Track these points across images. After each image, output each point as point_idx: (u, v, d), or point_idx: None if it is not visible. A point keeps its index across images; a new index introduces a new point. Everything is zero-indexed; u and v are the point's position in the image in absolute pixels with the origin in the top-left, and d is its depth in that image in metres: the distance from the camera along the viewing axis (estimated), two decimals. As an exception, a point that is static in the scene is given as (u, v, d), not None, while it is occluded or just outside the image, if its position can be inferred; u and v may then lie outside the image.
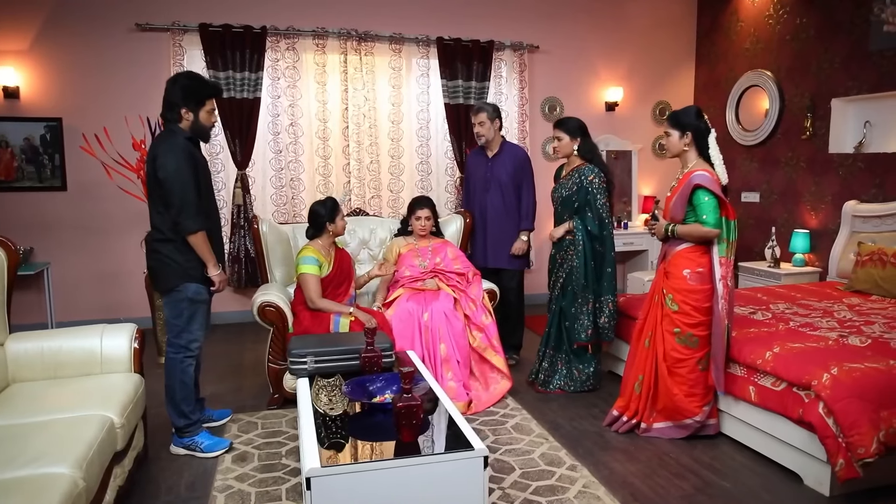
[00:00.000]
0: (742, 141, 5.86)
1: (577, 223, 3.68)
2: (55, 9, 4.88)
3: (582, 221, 3.68)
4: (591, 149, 3.76)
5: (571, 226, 3.70)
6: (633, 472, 2.82)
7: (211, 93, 2.95)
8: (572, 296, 3.73)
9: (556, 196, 3.84)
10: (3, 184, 4.91)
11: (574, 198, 3.69)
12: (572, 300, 3.74)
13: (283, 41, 5.26)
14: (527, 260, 4.46)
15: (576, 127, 3.72)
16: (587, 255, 3.68)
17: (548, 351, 3.89)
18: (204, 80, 3.00)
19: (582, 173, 3.68)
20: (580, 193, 3.67)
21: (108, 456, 2.25)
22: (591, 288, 3.71)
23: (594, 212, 3.66)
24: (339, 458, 2.13)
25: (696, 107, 3.19)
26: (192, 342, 2.99)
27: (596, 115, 6.28)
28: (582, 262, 3.67)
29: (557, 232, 3.80)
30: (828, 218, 5.05)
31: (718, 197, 3.03)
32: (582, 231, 3.66)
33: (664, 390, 3.16)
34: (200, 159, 2.96)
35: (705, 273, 3.10)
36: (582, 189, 3.67)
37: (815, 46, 5.11)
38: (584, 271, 3.68)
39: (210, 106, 2.95)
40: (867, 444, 2.42)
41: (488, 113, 4.20)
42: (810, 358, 2.77)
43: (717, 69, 6.21)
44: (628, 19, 6.26)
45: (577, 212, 3.70)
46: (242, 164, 5.21)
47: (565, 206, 3.75)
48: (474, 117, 4.24)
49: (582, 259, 3.67)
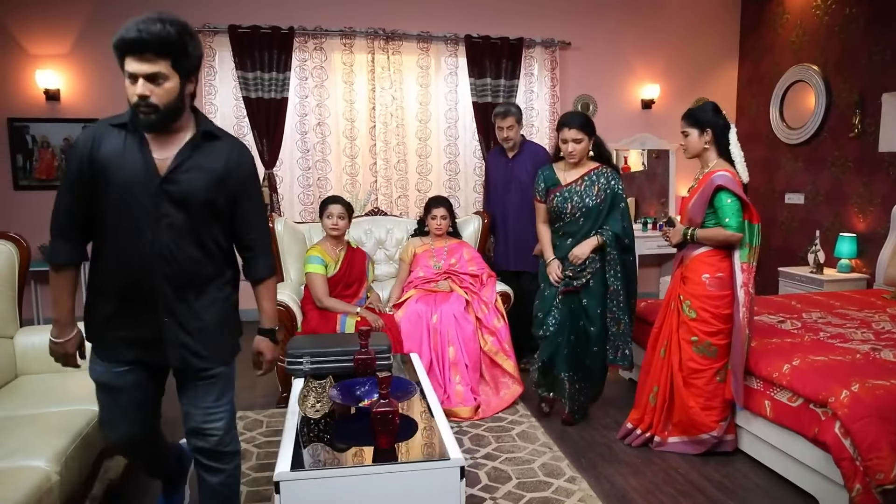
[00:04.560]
0: (786, 139, 5.56)
1: (608, 237, 3.15)
2: (93, 13, 5.06)
3: (613, 232, 3.17)
4: (606, 148, 3.36)
5: (602, 241, 3.16)
6: (636, 486, 2.69)
7: (117, 46, 1.75)
8: (600, 321, 3.23)
9: (569, 205, 3.22)
10: (45, 183, 5.12)
11: (601, 206, 3.19)
12: (601, 326, 3.24)
13: (311, 41, 5.29)
14: None
15: (590, 124, 3.24)
16: (626, 272, 3.23)
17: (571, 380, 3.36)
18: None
19: (608, 178, 3.22)
20: (609, 199, 3.20)
21: (95, 450, 2.28)
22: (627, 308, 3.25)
23: (624, 217, 3.22)
24: (314, 463, 2.10)
25: (712, 103, 3.02)
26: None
27: (631, 114, 6.08)
28: (623, 283, 3.20)
29: (583, 250, 3.18)
30: (877, 221, 4.73)
31: (742, 199, 2.86)
32: (613, 243, 3.15)
33: (680, 403, 3.01)
34: (111, 160, 1.77)
35: (725, 279, 2.93)
36: (610, 195, 3.20)
37: (865, 38, 4.78)
38: (627, 293, 3.23)
39: (128, 66, 1.75)
40: (887, 469, 2.23)
41: (517, 116, 4.09)
42: (831, 372, 2.57)
43: (761, 64, 5.91)
44: (666, 13, 6.03)
45: (600, 222, 3.20)
46: (270, 163, 5.28)
47: (588, 217, 3.20)
48: (501, 121, 4.08)
49: (623, 280, 3.19)
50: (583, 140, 3.17)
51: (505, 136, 4.10)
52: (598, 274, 3.20)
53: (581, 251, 3.17)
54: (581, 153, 3.19)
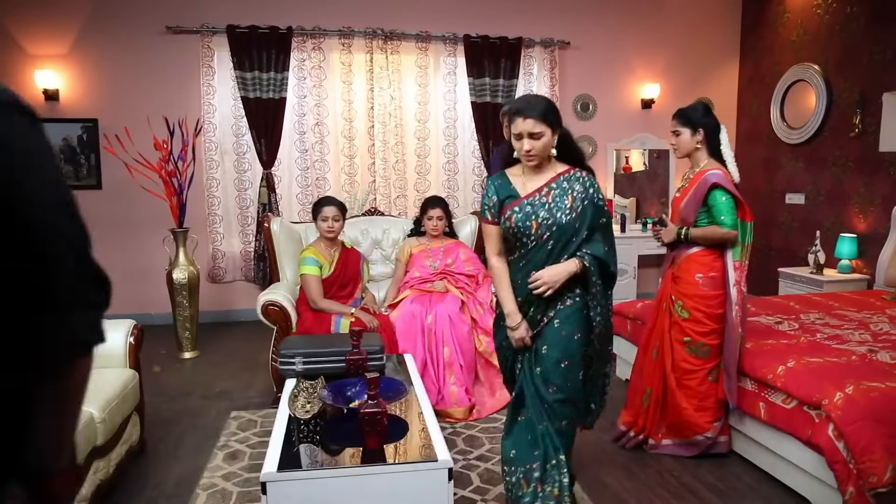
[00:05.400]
0: (787, 139, 5.53)
1: (590, 262, 2.21)
2: (92, 14, 5.06)
3: (595, 257, 2.23)
4: (579, 148, 2.39)
5: (580, 267, 2.20)
6: (629, 489, 2.67)
7: None
8: (573, 370, 2.25)
9: (533, 222, 2.23)
10: (44, 182, 5.12)
11: (577, 223, 2.22)
12: (574, 378, 2.26)
13: (310, 41, 5.29)
14: None
15: (552, 111, 2.23)
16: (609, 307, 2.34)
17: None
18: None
19: (585, 184, 2.26)
20: (589, 213, 2.24)
21: (84, 450, 2.28)
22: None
23: (607, 238, 2.30)
24: (301, 464, 2.09)
25: (703, 103, 3.01)
26: None
27: (631, 113, 6.06)
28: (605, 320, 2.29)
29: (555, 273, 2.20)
30: (877, 222, 4.69)
31: (736, 197, 2.85)
32: (597, 271, 2.23)
33: (673, 404, 2.99)
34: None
35: (718, 278, 2.91)
36: (588, 209, 2.24)
37: (866, 38, 4.75)
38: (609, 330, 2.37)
39: None
40: (880, 472, 2.21)
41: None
42: (826, 374, 2.55)
43: (762, 64, 5.88)
44: (666, 13, 6.00)
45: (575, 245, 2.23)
46: (268, 163, 5.27)
47: (559, 238, 2.22)
48: None
49: (606, 315, 2.29)
50: (544, 134, 2.19)
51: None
52: (572, 316, 2.24)
53: (552, 274, 2.18)
54: (542, 152, 2.22)
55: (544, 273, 2.20)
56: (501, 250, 2.35)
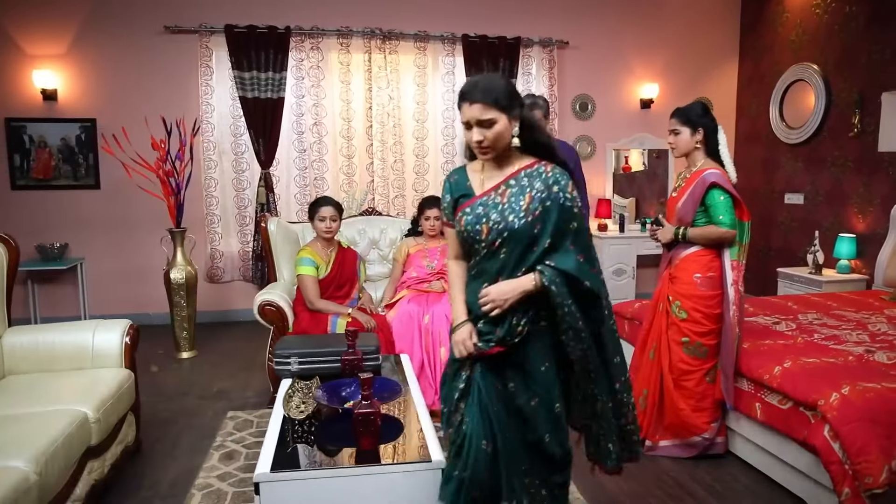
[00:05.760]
0: (786, 139, 5.52)
1: (550, 277, 1.78)
2: (90, 14, 5.06)
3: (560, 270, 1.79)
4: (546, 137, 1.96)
5: (540, 282, 1.78)
6: (626, 490, 2.67)
7: None
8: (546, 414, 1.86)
9: (484, 226, 1.85)
10: (42, 182, 5.13)
11: (537, 228, 1.81)
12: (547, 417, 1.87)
13: (308, 41, 5.28)
14: None
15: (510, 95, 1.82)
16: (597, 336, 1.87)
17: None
18: None
19: (549, 180, 1.83)
20: (553, 216, 1.81)
21: (79, 450, 2.28)
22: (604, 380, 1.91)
23: (581, 246, 1.84)
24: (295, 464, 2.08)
25: (701, 103, 3.00)
26: None
27: (630, 113, 6.05)
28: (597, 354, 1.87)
29: (503, 290, 1.81)
30: (876, 222, 4.68)
31: (734, 196, 2.84)
32: (563, 288, 1.78)
33: (670, 405, 2.98)
34: None
35: (716, 278, 2.91)
36: (552, 210, 1.81)
37: (865, 37, 4.74)
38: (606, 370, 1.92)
39: None
40: (876, 472, 2.20)
41: (543, 110, 3.46)
42: (822, 375, 2.54)
43: (761, 63, 5.87)
44: (665, 12, 5.99)
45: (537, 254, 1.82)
46: (266, 163, 5.27)
47: (514, 246, 1.82)
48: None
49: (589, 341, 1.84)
50: (496, 121, 1.79)
51: None
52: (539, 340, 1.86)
53: (500, 292, 1.80)
54: (496, 142, 1.82)
55: (492, 290, 1.82)
56: (460, 254, 2.01)
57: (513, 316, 1.82)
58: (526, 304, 1.82)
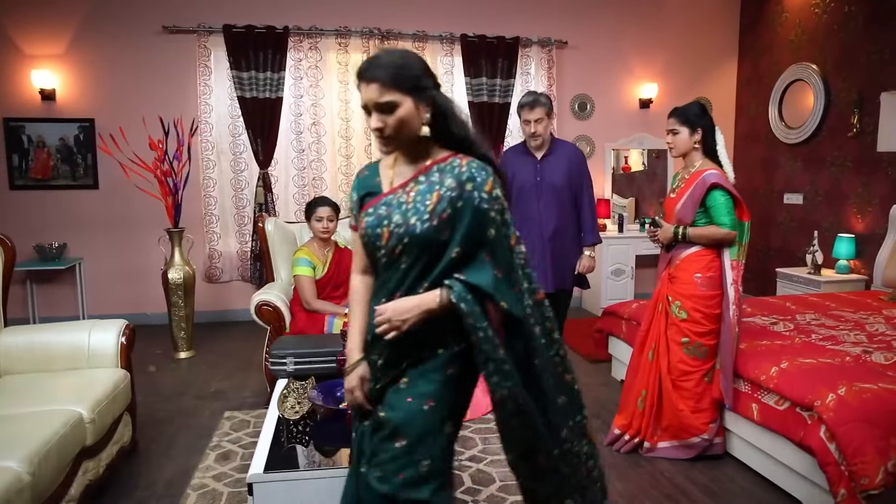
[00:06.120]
0: (785, 139, 5.51)
1: (460, 294, 1.48)
2: (89, 14, 5.06)
3: (472, 285, 1.49)
4: (462, 125, 1.59)
5: (447, 298, 1.48)
6: (620, 491, 2.66)
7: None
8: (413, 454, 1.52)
9: (385, 229, 1.55)
10: (41, 182, 5.13)
11: (444, 233, 1.51)
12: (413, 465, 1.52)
13: (306, 41, 5.28)
14: (584, 279, 3.54)
15: (415, 74, 1.51)
16: (510, 364, 1.51)
17: None
18: None
19: (462, 176, 1.52)
20: (465, 220, 1.50)
21: (73, 451, 2.27)
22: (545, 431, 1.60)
23: (501, 257, 1.52)
24: (288, 465, 2.08)
25: (699, 103, 2.99)
26: None
27: (629, 113, 6.05)
28: (508, 384, 1.49)
29: (402, 309, 1.50)
30: (875, 222, 4.67)
31: (734, 196, 2.84)
32: (476, 308, 1.47)
33: (669, 406, 2.97)
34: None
35: (716, 278, 2.90)
36: (465, 212, 1.51)
37: (864, 37, 4.73)
38: (558, 409, 1.61)
39: None
40: (871, 473, 2.18)
41: (546, 108, 3.32)
42: (819, 375, 2.53)
43: (760, 63, 5.86)
44: (665, 12, 5.99)
45: (443, 265, 1.52)
46: (265, 163, 5.27)
47: (417, 256, 1.52)
48: (528, 112, 3.28)
49: (511, 377, 1.50)
50: (398, 104, 1.48)
51: (532, 132, 3.31)
52: (429, 375, 1.54)
53: (399, 310, 1.49)
54: (399, 131, 1.50)
55: (389, 307, 1.49)
56: (366, 267, 1.66)
57: (407, 342, 1.50)
58: (431, 327, 1.50)
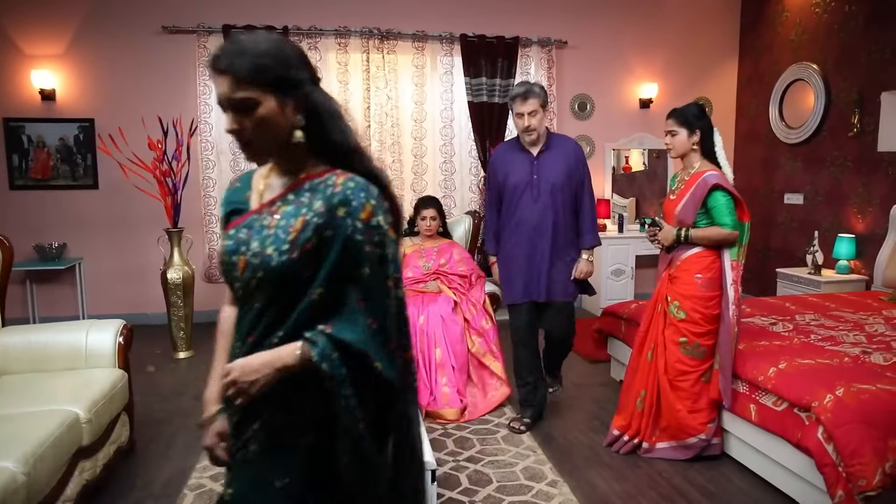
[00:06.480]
0: (785, 139, 5.50)
1: (322, 352, 1.14)
2: (89, 14, 5.07)
3: (334, 342, 1.15)
4: (343, 132, 1.27)
5: (308, 355, 1.15)
6: (618, 491, 2.66)
7: None
8: None
9: (241, 258, 1.23)
10: (41, 182, 5.14)
11: (305, 270, 1.19)
12: None
13: (306, 41, 5.28)
14: (587, 285, 3.30)
15: (280, 65, 1.19)
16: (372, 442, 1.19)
17: None
18: None
19: (333, 199, 1.19)
20: (332, 255, 1.18)
21: (69, 451, 2.28)
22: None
23: (376, 305, 1.18)
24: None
25: (697, 104, 2.99)
26: None
27: (629, 113, 6.04)
28: (364, 468, 1.19)
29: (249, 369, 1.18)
30: (875, 222, 4.66)
31: (735, 197, 2.84)
32: (340, 368, 1.14)
33: (667, 406, 2.96)
34: None
35: (716, 279, 2.89)
36: (337, 243, 1.18)
37: (864, 37, 4.72)
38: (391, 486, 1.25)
39: None
40: (869, 475, 2.18)
41: (540, 99, 3.03)
42: (817, 376, 2.53)
43: (761, 63, 5.85)
44: (665, 12, 5.98)
45: (301, 309, 1.19)
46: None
47: (273, 294, 1.21)
48: (521, 104, 3.02)
49: (368, 457, 1.19)
50: (259, 103, 1.18)
51: (526, 126, 3.04)
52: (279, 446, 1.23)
53: (247, 369, 1.18)
54: (262, 136, 1.20)
55: (236, 367, 1.18)
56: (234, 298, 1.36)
57: (258, 402, 1.19)
58: (288, 385, 1.18)
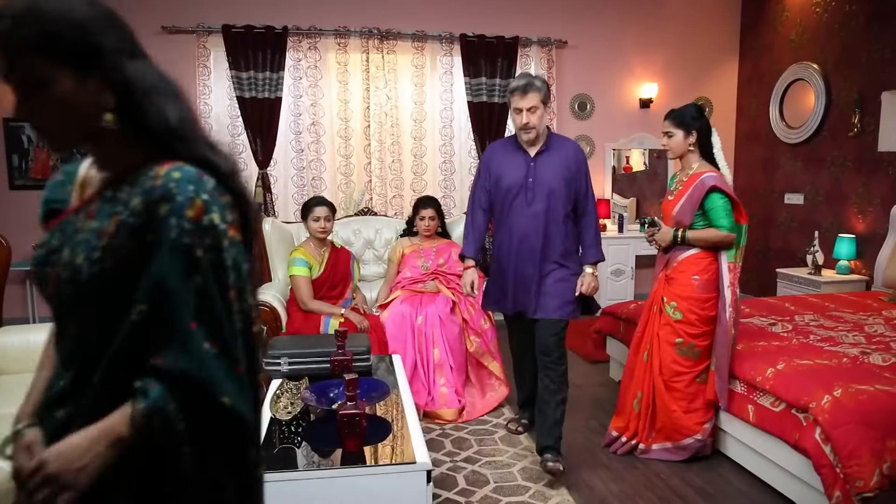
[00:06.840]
0: (786, 139, 5.48)
1: (152, 402, 0.88)
2: (88, 13, 5.07)
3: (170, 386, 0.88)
4: (163, 112, 0.99)
5: (139, 415, 0.89)
6: (615, 492, 2.65)
7: None
8: None
9: (51, 270, 0.98)
10: (41, 182, 5.14)
11: (121, 282, 0.92)
12: None
13: (305, 41, 5.28)
14: (590, 302, 2.94)
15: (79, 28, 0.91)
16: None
17: None
18: None
19: (151, 194, 0.93)
20: (152, 265, 0.91)
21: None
22: None
23: (209, 323, 0.90)
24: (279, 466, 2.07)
25: (695, 104, 2.99)
26: None
27: (629, 113, 6.03)
28: None
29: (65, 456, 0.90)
30: (876, 222, 4.65)
31: (732, 199, 2.83)
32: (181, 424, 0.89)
33: (662, 407, 2.96)
34: None
35: (713, 280, 2.89)
36: (158, 248, 0.91)
37: (865, 37, 4.71)
38: None
39: None
40: (867, 476, 2.17)
41: (542, 94, 2.76)
42: (815, 377, 2.52)
43: (761, 63, 5.84)
44: (665, 11, 5.97)
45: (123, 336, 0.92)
46: (264, 163, 5.27)
47: (82, 314, 0.97)
48: (519, 99, 2.74)
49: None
50: (49, 80, 0.91)
51: (525, 122, 2.76)
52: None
53: (59, 461, 0.89)
54: (56, 121, 0.95)
55: (51, 456, 0.91)
56: None
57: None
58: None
